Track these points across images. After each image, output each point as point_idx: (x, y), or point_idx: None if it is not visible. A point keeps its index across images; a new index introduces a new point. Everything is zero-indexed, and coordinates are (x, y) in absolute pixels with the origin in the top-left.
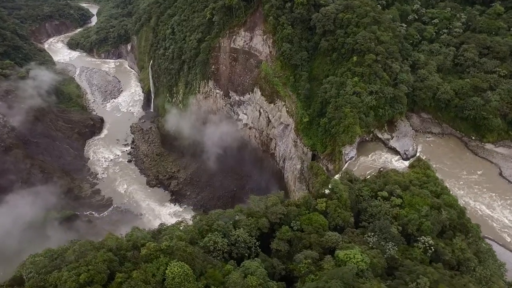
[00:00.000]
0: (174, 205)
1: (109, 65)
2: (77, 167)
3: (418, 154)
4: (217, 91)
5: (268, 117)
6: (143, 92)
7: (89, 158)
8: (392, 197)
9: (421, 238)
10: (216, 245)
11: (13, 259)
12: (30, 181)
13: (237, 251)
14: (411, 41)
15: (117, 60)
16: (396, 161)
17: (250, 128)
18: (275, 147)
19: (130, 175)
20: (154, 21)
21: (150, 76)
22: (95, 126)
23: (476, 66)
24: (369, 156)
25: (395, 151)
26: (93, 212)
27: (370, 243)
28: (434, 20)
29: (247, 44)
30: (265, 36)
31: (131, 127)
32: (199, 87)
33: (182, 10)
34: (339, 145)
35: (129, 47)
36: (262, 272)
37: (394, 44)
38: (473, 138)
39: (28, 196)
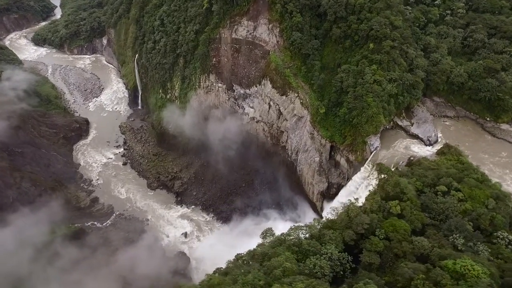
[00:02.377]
0: (181, 206)
1: (84, 61)
2: (69, 175)
3: (439, 140)
4: (219, 85)
5: (279, 110)
6: (127, 88)
7: (80, 164)
8: (451, 191)
9: (498, 233)
10: (322, 270)
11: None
12: (22, 197)
13: (331, 269)
14: (417, 24)
15: (92, 56)
16: (419, 148)
17: (257, 121)
18: (287, 139)
19: (127, 179)
20: (137, 13)
21: (136, 72)
22: (81, 129)
23: (486, 47)
24: (392, 144)
25: (416, 138)
26: (95, 222)
27: (459, 245)
28: (436, 1)
29: (250, 34)
30: (270, 25)
31: (120, 127)
32: (200, 82)
33: (171, 0)
34: (363, 136)
35: (104, 41)
36: None
37: (407, 29)
38: (488, 119)
39: (24, 214)
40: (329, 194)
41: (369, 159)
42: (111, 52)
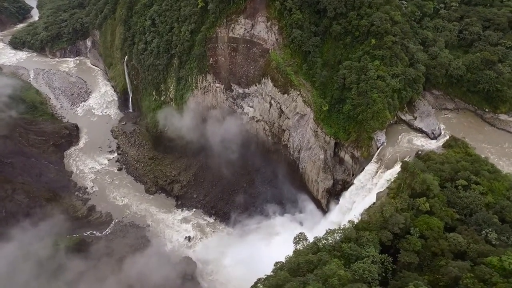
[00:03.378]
0: (182, 210)
1: (68, 64)
2: (62, 184)
3: (442, 132)
4: (217, 85)
5: (281, 108)
6: (115, 91)
7: (73, 172)
8: (471, 184)
9: None
10: (371, 274)
11: None
12: (16, 209)
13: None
14: (413, 19)
15: (76, 58)
16: (424, 141)
17: (257, 121)
18: (289, 138)
19: (124, 185)
20: (124, 13)
21: (126, 74)
22: (71, 135)
23: (481, 40)
24: (397, 139)
25: (421, 132)
26: (94, 232)
27: (492, 240)
28: None
29: (248, 32)
30: (269, 23)
31: (112, 131)
32: (197, 82)
33: None
34: (368, 132)
35: (89, 43)
36: None
37: (405, 23)
38: (487, 110)
39: (21, 227)
40: (335, 191)
41: (376, 154)
42: (96, 54)
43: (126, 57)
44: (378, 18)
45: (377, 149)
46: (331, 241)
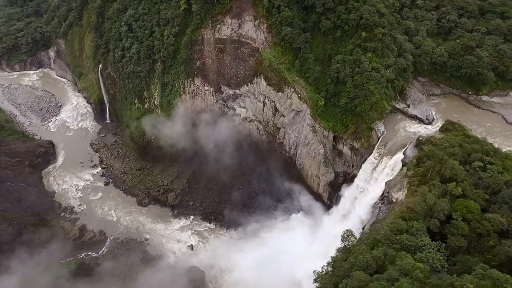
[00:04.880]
0: (179, 219)
1: (31, 77)
2: (46, 206)
3: (435, 117)
4: (206, 88)
5: (275, 107)
6: (89, 102)
7: (55, 192)
8: (487, 165)
9: None
10: (440, 263)
11: None
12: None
13: None
14: (393, 10)
15: (39, 71)
16: (421, 128)
17: (250, 121)
18: (284, 135)
19: (114, 199)
20: (94, 19)
21: (101, 83)
22: (48, 152)
23: (458, 27)
24: (395, 127)
25: (415, 118)
26: (89, 253)
27: None
28: None
29: (235, 32)
30: (257, 22)
31: (91, 144)
32: (184, 87)
33: (138, 2)
34: (368, 123)
35: (52, 53)
36: None
37: (390, 15)
38: (470, 93)
39: (9, 258)
40: (337, 183)
41: (377, 144)
42: (63, 65)
43: (100, 65)
44: (367, 11)
45: (378, 139)
46: (382, 233)
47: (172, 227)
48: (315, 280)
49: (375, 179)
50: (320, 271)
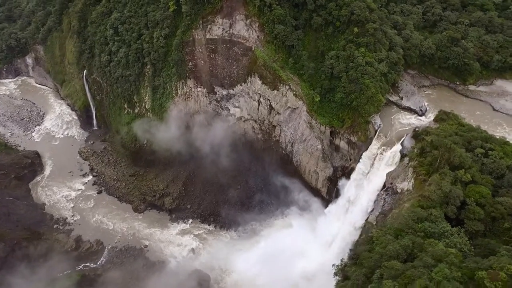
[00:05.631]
0: (178, 223)
1: (8, 86)
2: (37, 219)
3: (428, 108)
4: (199, 89)
5: (270, 105)
6: (73, 110)
7: (45, 203)
8: (488, 151)
9: None
10: (467, 247)
11: None
12: None
13: None
14: (380, 5)
15: (16, 79)
16: (415, 119)
17: (245, 120)
18: (280, 133)
19: (108, 207)
20: (76, 24)
21: (87, 89)
22: (34, 163)
23: (443, 20)
24: (391, 120)
25: (409, 110)
26: (88, 264)
27: None
28: None
29: (226, 32)
30: (248, 21)
31: (80, 152)
32: (177, 89)
33: (123, 5)
34: (364, 116)
35: (29, 61)
36: None
37: (379, 10)
38: (458, 83)
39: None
40: (336, 177)
41: (375, 137)
42: (42, 72)
43: (84, 71)
44: (358, 7)
45: (375, 132)
46: (403, 223)
47: (171, 231)
48: (335, 274)
49: (376, 171)
50: (339, 264)
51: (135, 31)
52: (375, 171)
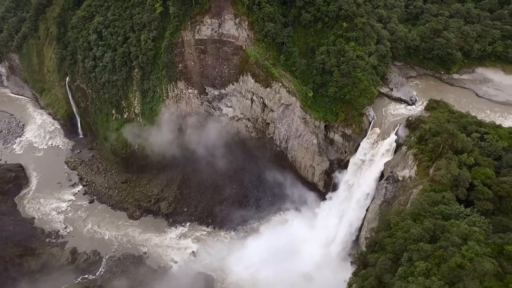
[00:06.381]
0: (176, 227)
1: None
2: (27, 234)
3: (417, 98)
4: (190, 90)
5: (264, 103)
6: (56, 119)
7: (34, 218)
8: (483, 135)
9: None
10: (484, 225)
11: None
12: None
13: None
14: (364, 0)
15: None
16: (406, 109)
17: (238, 120)
18: (274, 130)
19: (102, 216)
20: (55, 30)
21: (70, 97)
22: (18, 177)
23: (424, 12)
24: (383, 111)
25: (400, 101)
26: (86, 276)
27: None
28: None
29: (216, 32)
30: (237, 20)
31: (67, 162)
32: (167, 92)
33: (106, 9)
34: (358, 109)
35: (3, 70)
36: None
37: (364, 4)
38: (442, 72)
39: None
40: (333, 170)
41: (370, 128)
42: (19, 81)
43: (67, 78)
44: (345, 2)
45: (369, 123)
46: (419, 208)
47: (169, 236)
48: (352, 262)
49: (373, 162)
50: (355, 253)
51: (120, 34)
52: (372, 162)
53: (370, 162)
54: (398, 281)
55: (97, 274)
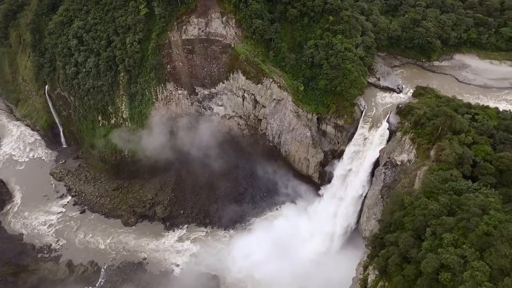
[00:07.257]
0: (173, 231)
1: None
2: (16, 251)
3: (403, 86)
4: (180, 91)
5: (255, 99)
6: (35, 130)
7: (23, 234)
8: (474, 116)
9: None
10: (495, 196)
11: None
12: None
13: None
14: None
15: None
16: (395, 97)
17: (229, 118)
18: (266, 126)
19: (95, 226)
20: (30, 37)
21: (51, 106)
22: (0, 192)
23: (403, 3)
24: (372, 100)
25: (387, 89)
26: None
27: None
28: None
29: (203, 31)
30: (224, 18)
31: (52, 174)
32: (156, 94)
33: (85, 12)
34: (349, 100)
35: None
36: None
37: None
38: (423, 60)
39: None
40: (327, 161)
41: (362, 118)
42: None
43: (46, 86)
44: None
45: (361, 113)
46: (431, 186)
47: (167, 240)
48: (367, 246)
49: (367, 149)
50: (369, 236)
51: (103, 38)
52: (366, 150)
53: (365, 150)
54: (428, 253)
55: (97, 285)
